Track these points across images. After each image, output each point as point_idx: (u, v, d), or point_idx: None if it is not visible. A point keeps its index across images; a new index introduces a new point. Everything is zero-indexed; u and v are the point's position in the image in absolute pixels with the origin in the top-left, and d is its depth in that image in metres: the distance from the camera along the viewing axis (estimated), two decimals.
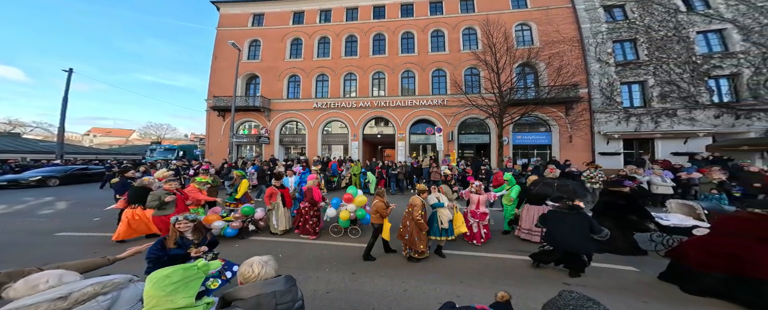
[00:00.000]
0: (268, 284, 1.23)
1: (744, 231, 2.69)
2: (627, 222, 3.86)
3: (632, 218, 3.84)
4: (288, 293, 1.25)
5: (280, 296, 1.21)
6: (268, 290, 1.21)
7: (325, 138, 14.96)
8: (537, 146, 12.81)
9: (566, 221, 3.20)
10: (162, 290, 1.13)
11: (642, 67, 11.86)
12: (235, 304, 1.19)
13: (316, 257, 3.76)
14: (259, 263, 1.31)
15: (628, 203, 3.94)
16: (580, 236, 3.07)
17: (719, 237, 2.86)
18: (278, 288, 1.23)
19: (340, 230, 4.74)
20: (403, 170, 10.06)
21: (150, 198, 3.85)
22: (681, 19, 11.76)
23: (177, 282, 1.16)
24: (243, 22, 16.28)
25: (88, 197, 8.73)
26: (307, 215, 4.58)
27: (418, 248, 3.48)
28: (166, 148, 18.19)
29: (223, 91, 14.77)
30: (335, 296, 2.76)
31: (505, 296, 1.62)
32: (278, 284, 1.25)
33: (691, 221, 3.91)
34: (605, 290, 2.87)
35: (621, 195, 4.04)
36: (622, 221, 3.89)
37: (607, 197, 4.22)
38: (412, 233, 3.51)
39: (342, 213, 4.58)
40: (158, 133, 36.44)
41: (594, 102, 11.97)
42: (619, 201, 4.00)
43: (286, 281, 1.29)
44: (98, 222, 5.56)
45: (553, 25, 12.81)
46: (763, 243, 2.53)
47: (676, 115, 11.20)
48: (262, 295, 1.19)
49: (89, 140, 42.62)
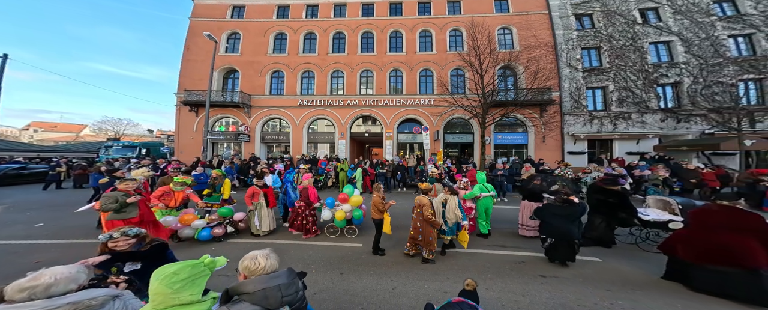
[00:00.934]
0: (272, 278, 1.22)
1: (720, 223, 2.86)
2: (617, 218, 4.16)
3: (622, 215, 4.12)
4: (292, 285, 1.25)
5: (285, 288, 1.21)
6: (274, 283, 1.20)
7: (311, 136, 14.67)
8: (515, 146, 13.78)
9: (559, 213, 3.58)
10: (169, 288, 1.11)
11: (604, 73, 13.16)
12: (241, 298, 1.16)
13: (302, 258, 3.72)
14: (263, 256, 1.28)
15: (620, 200, 4.17)
16: (570, 225, 3.48)
17: (700, 231, 2.99)
18: (282, 281, 1.22)
19: (336, 230, 4.74)
20: (390, 168, 10.33)
21: (105, 200, 3.29)
22: (637, 30, 13.16)
23: (184, 279, 1.14)
24: (221, 13, 15.11)
25: (26, 200, 7.73)
26: (303, 214, 4.60)
27: (433, 248, 3.57)
28: (126, 146, 15.91)
29: (195, 85, 13.73)
30: (323, 296, 2.74)
31: (473, 284, 1.66)
32: (282, 277, 1.25)
33: (667, 216, 4.20)
34: (571, 279, 3.17)
35: (613, 193, 4.25)
36: (612, 217, 4.18)
37: (600, 194, 4.37)
38: (425, 233, 3.56)
39: (337, 213, 4.56)
40: (116, 129, 32.60)
41: (564, 105, 13.09)
42: (610, 199, 4.21)
43: (289, 274, 1.29)
44: (42, 229, 5.01)
45: (531, 30, 13.63)
46: (741, 233, 2.71)
47: (631, 119, 12.69)
48: (269, 288, 1.17)
49: (29, 136, 37.05)
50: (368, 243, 4.15)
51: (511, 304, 2.67)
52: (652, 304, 2.70)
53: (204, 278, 1.24)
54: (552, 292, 2.90)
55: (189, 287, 1.15)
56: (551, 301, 2.72)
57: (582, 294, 2.85)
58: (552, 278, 3.21)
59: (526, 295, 2.84)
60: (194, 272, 1.20)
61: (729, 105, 10.01)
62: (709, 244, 2.85)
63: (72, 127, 42.78)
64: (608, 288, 2.99)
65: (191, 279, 1.17)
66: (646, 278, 3.28)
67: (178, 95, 14.18)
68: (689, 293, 2.91)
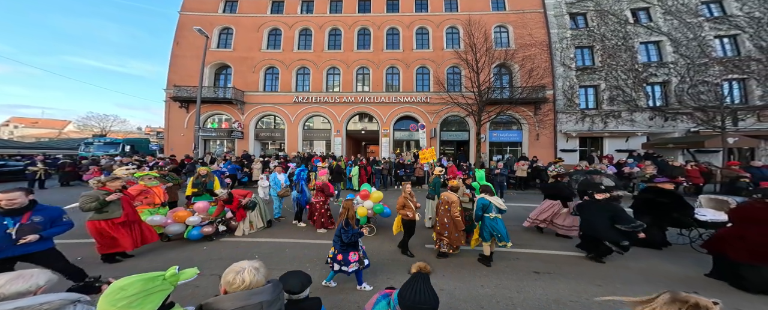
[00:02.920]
0: (254, 294, 1.08)
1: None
2: (670, 219, 3.98)
3: (675, 215, 3.94)
4: (276, 303, 1.12)
5: (268, 306, 1.08)
6: (255, 301, 1.06)
7: (307, 133, 14.53)
8: (510, 143, 13.99)
9: (595, 211, 3.57)
10: (112, 305, 0.97)
11: (596, 72, 13.41)
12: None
13: (296, 257, 3.70)
14: (250, 271, 1.12)
15: (674, 200, 3.99)
16: (602, 224, 3.40)
17: (751, 229, 2.90)
18: (265, 298, 1.08)
19: None
20: (387, 165, 10.39)
21: (85, 199, 3.13)
22: (629, 29, 13.42)
23: (132, 296, 1.00)
24: (212, 7, 14.65)
25: None
26: (323, 208, 4.69)
27: (461, 243, 3.65)
28: (108, 142, 14.84)
29: (185, 81, 13.36)
30: (317, 295, 2.80)
31: (427, 268, 1.45)
32: (266, 293, 1.10)
33: (723, 216, 3.98)
34: (565, 275, 3.23)
35: (666, 192, 4.09)
36: (664, 217, 4.01)
37: (650, 194, 4.23)
38: (451, 230, 3.57)
39: (360, 210, 4.48)
40: (102, 126, 31.48)
41: (557, 103, 13.31)
42: (661, 198, 4.05)
43: (274, 289, 1.15)
44: None
45: (526, 29, 13.72)
46: None
47: (621, 117, 13.02)
48: (248, 307, 1.04)
49: (8, 132, 35.43)
50: (368, 244, 4.13)
51: (505, 300, 2.73)
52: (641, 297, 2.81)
53: (161, 293, 1.06)
54: (546, 288, 2.96)
55: (138, 304, 0.99)
56: (545, 297, 2.79)
57: (575, 290, 2.94)
58: (545, 275, 3.29)
59: (521, 291, 2.90)
60: (147, 286, 1.04)
61: (714, 104, 10.36)
62: (760, 239, 2.76)
63: (55, 123, 41.07)
64: (599, 283, 3.09)
65: (142, 295, 1.01)
66: (630, 272, 3.41)
67: (168, 91, 13.78)
68: (674, 284, 3.04)
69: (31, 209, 2.08)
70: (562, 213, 4.66)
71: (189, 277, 1.18)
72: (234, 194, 4.60)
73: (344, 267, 2.76)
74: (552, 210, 4.78)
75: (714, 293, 2.84)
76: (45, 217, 2.18)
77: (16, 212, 1.93)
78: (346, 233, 2.74)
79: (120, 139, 16.18)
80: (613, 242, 3.40)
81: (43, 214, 2.15)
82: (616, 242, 3.37)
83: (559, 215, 4.70)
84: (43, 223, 2.22)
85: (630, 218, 3.49)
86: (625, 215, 3.47)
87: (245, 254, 3.85)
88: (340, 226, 2.83)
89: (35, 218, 2.08)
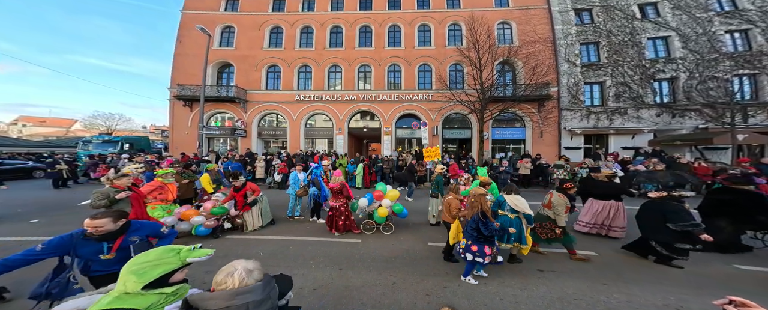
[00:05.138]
0: (240, 294, 1.04)
1: None
2: (754, 222, 3.67)
3: (761, 218, 3.58)
4: (265, 302, 1.08)
5: (254, 307, 1.04)
6: (241, 301, 1.03)
7: (309, 131, 14.55)
8: (513, 141, 13.84)
9: (646, 209, 3.41)
10: (128, 267, 1.03)
11: (602, 68, 13.17)
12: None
13: (301, 255, 3.72)
14: (240, 273, 1.07)
15: (756, 202, 3.66)
16: (650, 222, 3.24)
17: None
18: (253, 298, 1.05)
19: (372, 226, 4.68)
20: (389, 164, 10.35)
21: (96, 196, 3.16)
22: (636, 25, 13.14)
23: (145, 262, 1.03)
24: (213, 6, 14.69)
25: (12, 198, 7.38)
26: (346, 212, 4.53)
27: None
28: (106, 140, 14.45)
29: (189, 79, 13.45)
30: (322, 292, 2.75)
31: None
32: (255, 292, 1.06)
33: None
34: (569, 273, 3.20)
35: (744, 193, 3.80)
36: (742, 220, 3.70)
37: (727, 195, 3.92)
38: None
39: (380, 210, 4.50)
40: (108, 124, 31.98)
41: (562, 100, 13.13)
42: (740, 200, 3.74)
43: (264, 287, 1.10)
44: (37, 225, 4.95)
45: (530, 25, 13.52)
46: None
47: (627, 114, 12.79)
48: (233, 306, 1.02)
49: (17, 130, 36.13)
50: (371, 241, 4.14)
51: (509, 298, 2.71)
52: (647, 297, 2.76)
53: (167, 266, 1.10)
54: (550, 286, 2.93)
55: (143, 271, 1.03)
56: (549, 295, 2.76)
57: (579, 288, 2.90)
58: (550, 273, 3.25)
59: (525, 289, 2.87)
60: (162, 256, 1.08)
61: (723, 100, 10.12)
62: None
63: (62, 121, 41.74)
64: (604, 282, 3.04)
65: (154, 263, 1.06)
66: (640, 272, 3.34)
67: (171, 90, 13.90)
68: (683, 285, 2.97)
69: (125, 232, 2.04)
70: (620, 213, 4.34)
71: (200, 256, 1.22)
72: (247, 184, 4.76)
73: (479, 258, 2.85)
74: (609, 212, 4.40)
75: None
76: (141, 236, 2.16)
77: (108, 237, 1.95)
78: (486, 226, 2.83)
79: (118, 137, 16.26)
80: (663, 243, 3.09)
81: (139, 233, 2.15)
82: (667, 243, 3.05)
83: (617, 216, 4.36)
84: (141, 244, 2.17)
85: (684, 217, 3.10)
86: (681, 214, 3.11)
87: (249, 252, 3.86)
88: (475, 219, 2.90)
89: (132, 238, 2.07)
